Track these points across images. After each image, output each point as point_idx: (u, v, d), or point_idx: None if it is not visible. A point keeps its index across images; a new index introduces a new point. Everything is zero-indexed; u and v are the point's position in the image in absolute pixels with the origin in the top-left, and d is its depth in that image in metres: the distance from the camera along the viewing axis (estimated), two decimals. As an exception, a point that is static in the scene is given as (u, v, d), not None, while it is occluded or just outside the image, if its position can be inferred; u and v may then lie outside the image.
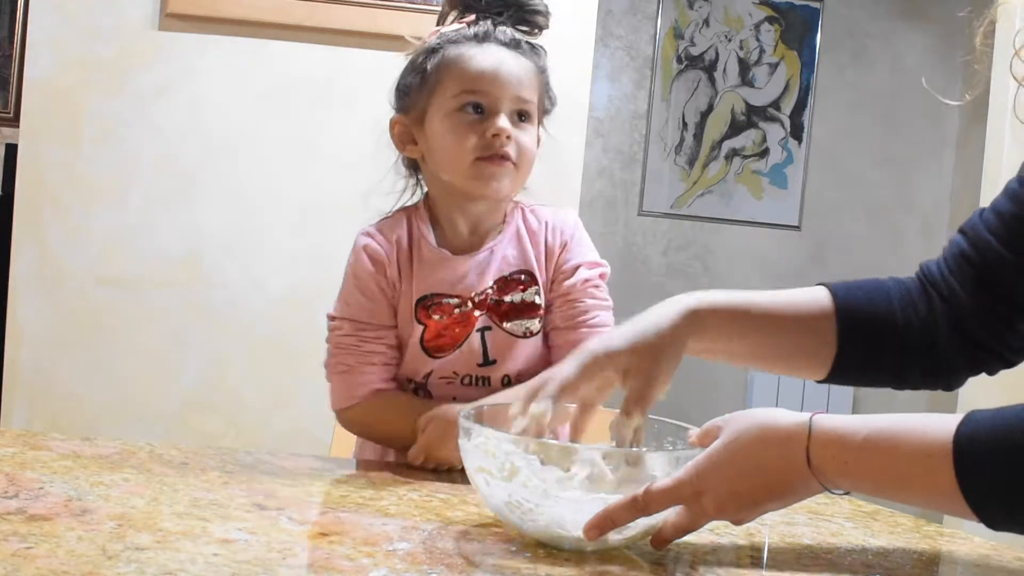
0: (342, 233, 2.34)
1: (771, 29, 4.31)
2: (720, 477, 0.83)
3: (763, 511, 0.86)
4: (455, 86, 1.18)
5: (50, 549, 0.72)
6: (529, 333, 1.22)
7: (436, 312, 1.20)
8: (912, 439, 0.78)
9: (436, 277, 1.22)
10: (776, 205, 4.31)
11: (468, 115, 1.17)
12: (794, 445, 0.82)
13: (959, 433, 0.76)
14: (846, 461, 0.80)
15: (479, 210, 1.23)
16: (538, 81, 1.22)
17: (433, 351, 1.21)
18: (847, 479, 0.81)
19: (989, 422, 0.76)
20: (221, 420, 2.39)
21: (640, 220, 4.26)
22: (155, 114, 2.37)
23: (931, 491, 0.78)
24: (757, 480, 0.83)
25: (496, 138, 1.16)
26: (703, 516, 0.85)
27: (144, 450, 1.09)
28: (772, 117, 4.32)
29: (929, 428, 0.78)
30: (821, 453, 0.81)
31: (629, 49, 4.28)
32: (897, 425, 0.80)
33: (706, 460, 0.84)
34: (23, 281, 2.35)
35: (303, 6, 2.35)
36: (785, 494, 0.84)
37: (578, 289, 1.23)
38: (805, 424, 0.82)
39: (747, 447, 0.84)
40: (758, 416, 0.85)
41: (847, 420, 0.82)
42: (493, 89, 1.17)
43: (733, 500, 0.83)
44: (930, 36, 4.31)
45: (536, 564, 0.80)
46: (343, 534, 0.84)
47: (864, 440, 0.80)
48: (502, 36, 1.21)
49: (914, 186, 4.35)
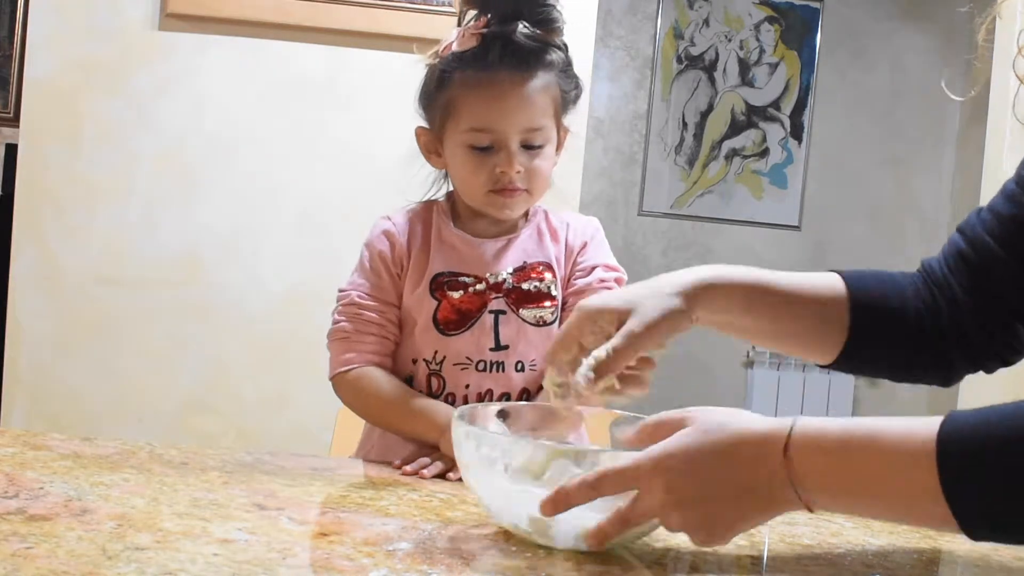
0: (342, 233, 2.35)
1: (771, 29, 4.31)
2: (681, 457, 0.78)
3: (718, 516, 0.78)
4: (464, 122, 1.20)
5: (50, 549, 0.72)
6: (542, 322, 1.24)
7: (451, 288, 1.23)
8: (893, 437, 0.75)
9: (454, 256, 1.25)
10: (776, 205, 4.31)
11: (477, 152, 1.20)
12: (773, 440, 0.77)
13: (942, 431, 0.73)
14: (827, 451, 0.76)
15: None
16: (551, 97, 1.22)
17: (445, 328, 1.22)
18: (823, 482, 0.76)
19: (972, 422, 0.74)
20: (221, 420, 2.39)
21: (640, 220, 4.26)
22: (155, 114, 2.37)
23: (910, 491, 0.74)
24: (722, 472, 0.78)
25: (504, 174, 1.19)
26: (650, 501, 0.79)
27: (144, 450, 1.09)
28: (772, 117, 4.32)
29: (911, 428, 0.75)
30: (799, 451, 0.76)
31: (629, 49, 4.28)
32: (878, 424, 0.77)
33: (671, 442, 0.79)
34: (23, 281, 2.35)
35: (303, 6, 2.35)
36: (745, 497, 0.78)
37: (592, 288, 1.25)
38: (787, 424, 0.78)
39: (720, 439, 0.79)
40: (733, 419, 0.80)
41: (827, 420, 0.79)
42: (499, 125, 1.18)
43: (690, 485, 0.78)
44: (930, 36, 4.31)
45: (536, 564, 0.80)
46: (343, 534, 0.83)
47: (842, 432, 0.76)
48: (513, 57, 1.18)
49: (914, 186, 4.35)
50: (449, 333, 1.23)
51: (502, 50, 1.18)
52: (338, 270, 1.30)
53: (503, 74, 1.18)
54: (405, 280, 1.25)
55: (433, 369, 1.23)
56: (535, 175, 1.21)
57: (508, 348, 1.23)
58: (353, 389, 1.24)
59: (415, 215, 1.29)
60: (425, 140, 1.27)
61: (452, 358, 1.23)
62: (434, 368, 1.23)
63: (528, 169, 1.20)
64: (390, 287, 1.25)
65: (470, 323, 1.23)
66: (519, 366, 1.24)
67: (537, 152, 1.21)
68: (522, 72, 1.19)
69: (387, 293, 1.25)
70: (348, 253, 1.37)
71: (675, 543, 0.89)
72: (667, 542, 0.89)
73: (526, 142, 1.20)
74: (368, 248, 1.27)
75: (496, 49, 1.18)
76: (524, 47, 1.19)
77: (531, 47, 1.19)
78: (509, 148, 1.19)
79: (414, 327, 1.24)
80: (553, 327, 1.25)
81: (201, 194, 2.39)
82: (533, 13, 1.20)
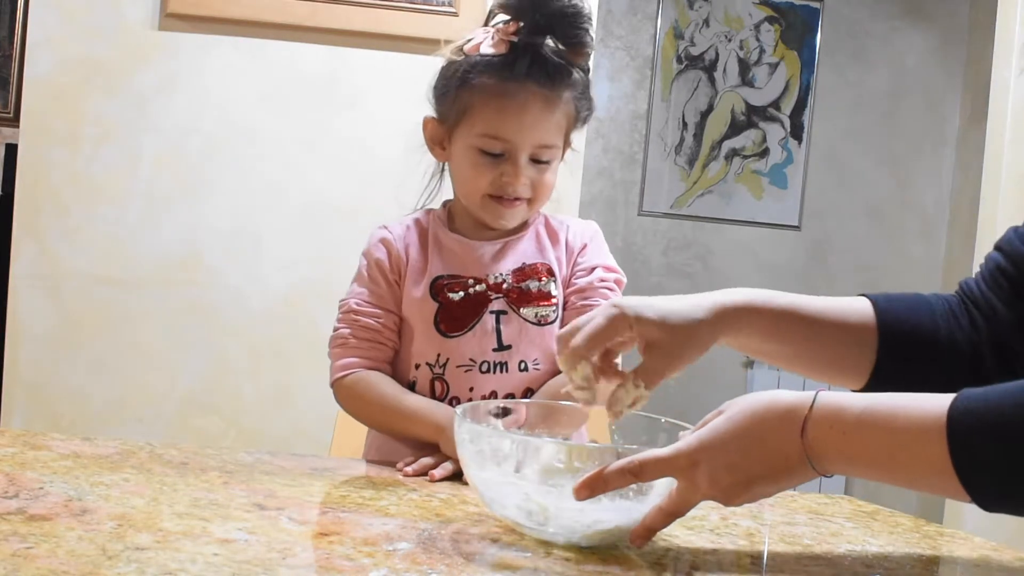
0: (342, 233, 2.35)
1: (771, 29, 4.31)
2: (718, 448, 0.82)
3: (756, 492, 0.84)
4: (478, 125, 1.20)
5: (50, 549, 0.72)
6: (544, 321, 1.25)
7: (451, 291, 1.23)
8: (908, 413, 0.78)
9: (452, 259, 1.26)
10: (776, 205, 4.31)
11: (485, 156, 1.20)
12: (794, 417, 0.81)
13: (953, 407, 0.76)
14: (843, 432, 0.80)
15: None
16: (567, 116, 1.22)
17: (447, 330, 1.23)
18: (841, 454, 0.80)
19: (983, 396, 0.76)
20: (221, 420, 2.39)
21: (640, 220, 4.26)
22: (155, 114, 2.37)
23: (923, 466, 0.77)
24: (754, 453, 0.82)
25: (508, 184, 1.20)
26: (695, 492, 0.83)
27: (144, 450, 1.09)
28: (772, 117, 4.32)
29: (925, 403, 0.78)
30: (818, 425, 0.80)
31: (629, 49, 4.28)
32: (895, 400, 0.80)
33: (707, 431, 0.83)
34: (23, 281, 2.35)
35: (303, 6, 2.35)
36: (780, 472, 0.82)
37: (593, 287, 1.27)
38: (809, 397, 0.82)
39: (749, 419, 0.83)
40: (763, 394, 0.84)
41: (848, 395, 0.82)
42: (514, 137, 1.19)
43: (728, 472, 0.82)
44: (930, 36, 4.31)
45: (536, 564, 0.80)
46: (343, 534, 0.84)
47: (861, 412, 0.80)
48: (540, 73, 1.18)
49: (914, 186, 4.35)
50: (451, 335, 1.23)
51: (530, 64, 1.18)
52: (339, 270, 1.30)
53: (526, 87, 1.18)
54: (404, 286, 1.25)
55: (436, 373, 1.23)
56: (539, 187, 1.23)
57: (511, 348, 1.23)
58: (351, 394, 1.24)
59: (412, 224, 1.30)
60: (432, 131, 1.27)
61: (455, 360, 1.23)
62: (437, 372, 1.23)
63: (533, 181, 1.22)
64: (388, 295, 1.26)
65: (472, 324, 1.23)
66: (522, 365, 1.24)
67: (545, 167, 1.23)
68: (545, 89, 1.19)
69: (385, 301, 1.26)
70: (349, 253, 1.37)
71: (675, 543, 0.89)
72: (667, 542, 0.89)
73: (535, 156, 1.21)
74: (365, 257, 1.28)
75: (525, 61, 1.18)
76: (551, 64, 1.19)
77: (558, 65, 1.19)
78: (518, 160, 1.20)
79: (415, 332, 1.24)
80: (554, 326, 1.25)
81: (201, 194, 2.39)
82: (567, 34, 1.20)
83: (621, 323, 0.94)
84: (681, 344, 0.94)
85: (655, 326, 0.94)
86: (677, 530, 0.91)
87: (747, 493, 0.83)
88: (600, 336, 0.94)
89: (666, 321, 0.94)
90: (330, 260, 2.36)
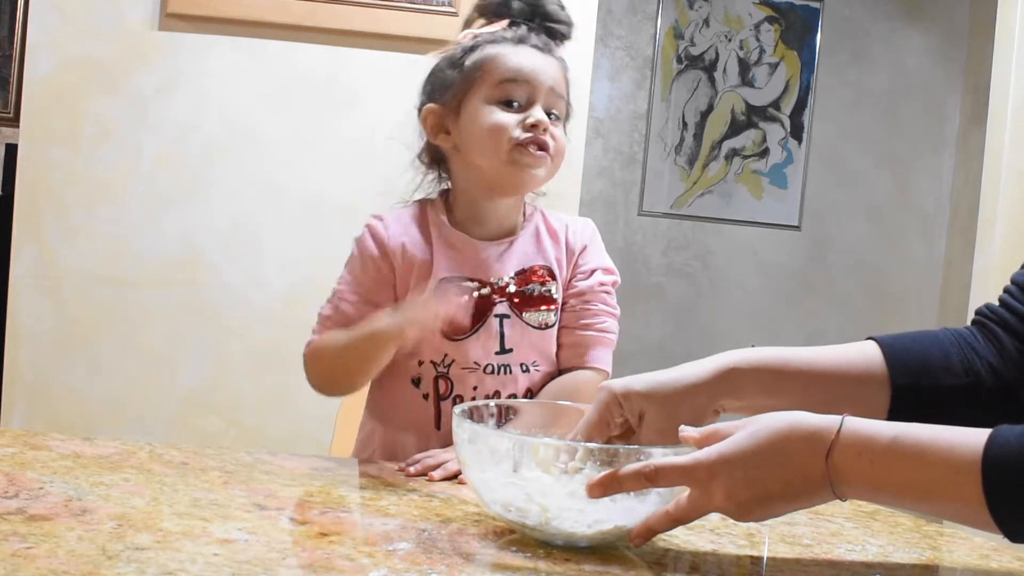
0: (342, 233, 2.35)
1: (771, 29, 4.31)
2: (739, 462, 0.81)
3: (770, 510, 0.83)
4: (497, 76, 1.22)
5: (50, 549, 0.72)
6: (545, 325, 1.25)
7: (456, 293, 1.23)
8: (940, 449, 0.77)
9: (456, 258, 1.25)
10: (776, 205, 4.31)
11: (505, 107, 1.22)
12: (820, 440, 0.80)
13: (989, 448, 0.75)
14: (872, 460, 0.79)
15: (505, 204, 1.27)
16: (564, 77, 1.27)
17: (451, 332, 1.22)
18: (867, 483, 0.79)
19: (1018, 438, 0.75)
20: (221, 420, 2.39)
21: (640, 220, 4.26)
22: (155, 114, 2.37)
23: (956, 503, 0.77)
24: (776, 471, 0.81)
25: (535, 128, 1.20)
26: (708, 503, 0.82)
27: (144, 450, 1.09)
28: (772, 117, 4.32)
29: (957, 440, 0.77)
30: (845, 451, 0.79)
31: (629, 49, 4.28)
32: (926, 434, 0.79)
33: (728, 444, 0.82)
34: (23, 281, 2.35)
35: (303, 6, 2.35)
36: (798, 493, 0.81)
37: (593, 291, 1.27)
38: (836, 422, 0.81)
39: (773, 437, 0.81)
40: (787, 414, 0.83)
41: (876, 423, 0.81)
42: (532, 83, 1.22)
43: (747, 487, 0.81)
44: (930, 36, 4.32)
45: (536, 563, 0.80)
46: (343, 534, 0.84)
47: (891, 442, 0.79)
48: (536, 41, 1.26)
49: (914, 186, 4.35)
50: (456, 338, 1.23)
51: (528, 30, 1.26)
52: (339, 270, 1.30)
53: (531, 49, 1.24)
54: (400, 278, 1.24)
55: (440, 372, 1.24)
56: (558, 143, 1.23)
57: (513, 351, 1.24)
58: (312, 359, 1.25)
59: (407, 215, 1.28)
60: (434, 119, 1.27)
61: (460, 362, 1.23)
62: (441, 371, 1.24)
63: (553, 134, 1.22)
64: (372, 285, 1.25)
65: (476, 328, 1.23)
66: (524, 367, 1.24)
67: (557, 122, 1.24)
68: (545, 53, 1.25)
69: (367, 291, 1.25)
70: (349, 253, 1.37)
71: (675, 543, 0.89)
72: (667, 542, 0.89)
73: (549, 107, 1.23)
74: (357, 244, 1.28)
75: (522, 28, 1.26)
76: (545, 30, 1.27)
77: (551, 30, 1.28)
78: (537, 101, 1.22)
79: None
80: (554, 330, 1.25)
81: (201, 194, 2.39)
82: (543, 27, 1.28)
83: (612, 404, 0.94)
84: (673, 414, 0.92)
85: (643, 399, 0.93)
86: (677, 530, 0.91)
87: (761, 510, 0.83)
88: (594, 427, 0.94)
89: (655, 392, 0.93)
90: (330, 260, 2.34)
